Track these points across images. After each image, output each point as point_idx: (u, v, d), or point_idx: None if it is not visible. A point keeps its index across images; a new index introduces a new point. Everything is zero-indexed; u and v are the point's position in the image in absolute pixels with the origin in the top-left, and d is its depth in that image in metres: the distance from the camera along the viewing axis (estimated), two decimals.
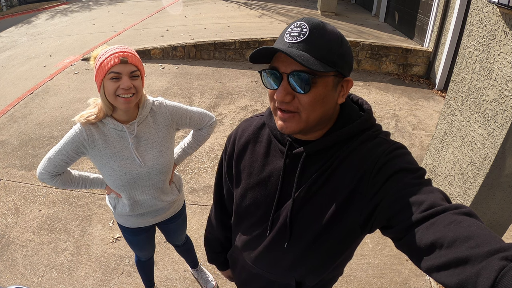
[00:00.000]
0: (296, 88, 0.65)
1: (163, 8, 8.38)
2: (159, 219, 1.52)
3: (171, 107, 1.33)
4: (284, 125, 0.69)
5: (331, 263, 0.85)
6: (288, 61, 0.65)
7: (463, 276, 0.49)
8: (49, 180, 1.28)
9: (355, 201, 0.71)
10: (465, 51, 1.88)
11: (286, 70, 0.66)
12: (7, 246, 2.35)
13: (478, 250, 0.49)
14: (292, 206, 0.78)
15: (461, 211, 0.57)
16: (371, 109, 0.78)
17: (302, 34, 0.64)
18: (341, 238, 0.77)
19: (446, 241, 0.53)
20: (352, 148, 0.72)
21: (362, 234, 0.77)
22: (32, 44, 6.63)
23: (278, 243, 0.83)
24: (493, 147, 1.66)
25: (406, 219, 0.60)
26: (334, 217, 0.74)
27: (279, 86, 0.67)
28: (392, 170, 0.67)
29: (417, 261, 0.59)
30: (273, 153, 0.82)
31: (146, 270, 1.85)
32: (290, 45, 0.65)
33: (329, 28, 0.66)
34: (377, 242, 2.35)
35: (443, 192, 0.64)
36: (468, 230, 0.53)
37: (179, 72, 4.94)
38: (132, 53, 1.15)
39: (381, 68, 5.12)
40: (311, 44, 0.64)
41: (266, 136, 0.85)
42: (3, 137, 3.59)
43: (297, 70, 0.64)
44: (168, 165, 1.36)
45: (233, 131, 0.94)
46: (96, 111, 1.20)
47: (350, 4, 8.74)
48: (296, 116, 0.68)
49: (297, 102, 0.67)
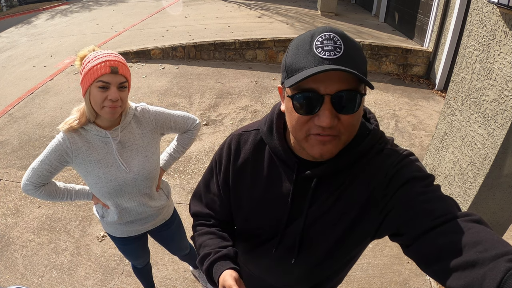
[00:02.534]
0: (344, 109, 0.59)
1: (163, 8, 8.38)
2: (149, 227, 1.49)
3: (154, 112, 1.32)
4: (325, 148, 0.62)
5: (341, 272, 0.87)
6: (330, 80, 0.57)
7: (469, 279, 0.49)
8: (34, 191, 1.25)
9: (366, 214, 0.71)
10: (465, 51, 1.88)
11: (328, 90, 0.57)
12: (7, 246, 2.35)
13: (486, 254, 0.50)
14: (304, 224, 0.75)
15: (470, 218, 0.57)
16: (377, 120, 0.75)
17: (339, 48, 0.57)
18: (351, 250, 0.78)
19: (454, 247, 0.54)
20: (362, 165, 0.70)
21: (371, 240, 0.77)
22: (32, 44, 6.63)
23: (285, 259, 0.82)
24: (493, 147, 1.66)
25: (416, 227, 0.61)
26: (345, 233, 0.73)
27: (320, 110, 0.58)
28: (402, 180, 0.66)
29: (425, 267, 0.59)
30: (277, 176, 0.76)
31: (143, 275, 1.83)
32: (329, 61, 0.56)
33: (351, 37, 0.61)
34: (377, 242, 2.35)
35: (453, 200, 0.64)
36: (477, 236, 0.53)
37: (179, 72, 4.94)
38: (123, 63, 1.13)
39: (381, 68, 5.12)
40: (350, 58, 0.57)
41: (267, 155, 0.77)
42: (3, 137, 3.59)
43: (344, 89, 0.57)
44: (154, 170, 1.34)
45: (224, 146, 0.83)
46: (78, 116, 1.17)
47: (350, 4, 8.74)
48: (336, 139, 0.62)
49: (339, 125, 0.60)
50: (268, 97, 4.27)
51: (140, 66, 5.12)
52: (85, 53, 1.15)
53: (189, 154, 3.26)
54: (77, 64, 1.17)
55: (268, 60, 5.30)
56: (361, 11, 7.78)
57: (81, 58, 1.15)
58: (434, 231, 0.58)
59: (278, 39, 5.17)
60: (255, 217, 0.81)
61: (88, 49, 1.16)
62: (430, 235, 0.58)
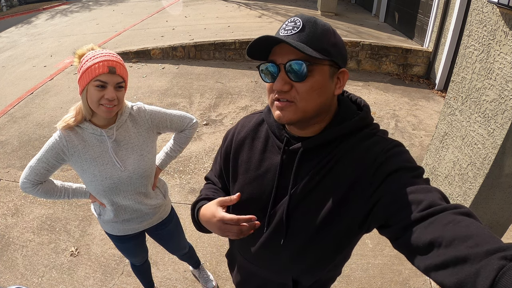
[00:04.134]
0: (293, 77, 0.67)
1: (163, 8, 8.38)
2: (146, 225, 1.50)
3: (150, 111, 1.33)
4: (281, 114, 0.70)
5: (328, 262, 0.85)
6: (284, 52, 0.67)
7: (461, 276, 0.49)
8: (31, 189, 1.26)
9: (353, 199, 0.71)
10: (465, 51, 1.88)
11: (282, 60, 0.68)
12: (7, 246, 2.35)
13: (477, 250, 0.49)
14: (289, 202, 0.78)
15: (460, 211, 0.57)
16: (369, 107, 0.79)
17: (296, 27, 0.67)
18: (338, 236, 0.77)
19: (444, 241, 0.53)
20: (349, 145, 0.73)
21: (359, 234, 0.77)
22: (32, 44, 6.64)
23: (275, 240, 0.83)
24: (493, 147, 1.66)
25: (404, 218, 0.60)
26: (330, 215, 0.74)
27: (277, 77, 0.69)
28: (390, 168, 0.67)
29: (415, 260, 0.59)
30: (271, 149, 0.83)
31: (142, 273, 1.84)
32: (285, 37, 0.67)
33: (321, 22, 0.69)
34: (377, 242, 2.35)
35: (441, 192, 0.64)
36: (467, 229, 0.52)
37: (179, 72, 4.94)
38: (120, 63, 1.15)
39: (381, 68, 5.12)
40: (305, 34, 0.66)
41: (264, 132, 0.85)
42: (3, 137, 3.59)
43: (293, 59, 0.66)
44: (150, 169, 1.35)
45: (232, 127, 0.95)
46: (74, 113, 1.19)
47: (350, 4, 8.74)
48: (293, 105, 0.69)
49: (294, 91, 0.68)
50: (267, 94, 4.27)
51: (140, 66, 5.13)
52: (84, 51, 1.16)
53: (189, 154, 3.26)
54: (75, 62, 1.18)
55: None
56: (361, 11, 7.78)
57: (80, 56, 1.16)
58: (423, 223, 0.57)
59: None
60: (247, 188, 0.85)
61: (86, 48, 1.17)
62: (418, 227, 0.58)
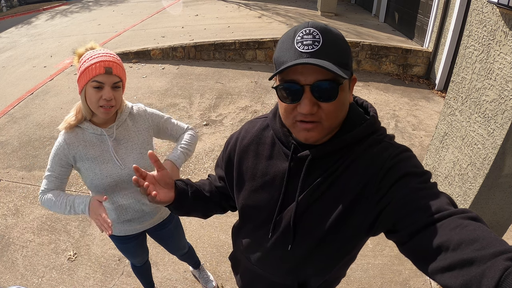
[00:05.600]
0: (322, 97, 0.64)
1: (163, 8, 8.38)
2: (147, 226, 1.51)
3: (151, 112, 1.38)
4: (309, 135, 0.68)
5: (335, 265, 0.85)
6: (309, 71, 0.63)
7: (467, 277, 0.49)
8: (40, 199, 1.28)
9: (361, 205, 0.71)
10: (465, 51, 1.88)
11: (308, 81, 0.63)
12: (7, 246, 2.35)
13: (483, 252, 0.49)
14: (296, 209, 0.77)
15: (467, 215, 0.57)
16: (376, 112, 0.78)
17: (317, 42, 0.62)
18: (345, 241, 0.77)
19: (451, 244, 0.53)
20: (357, 153, 0.72)
21: (366, 237, 0.77)
22: (32, 44, 6.64)
23: (281, 245, 0.83)
24: (493, 147, 1.66)
25: (412, 224, 0.61)
26: (338, 221, 0.73)
27: (302, 99, 0.65)
28: (398, 174, 0.67)
29: (421, 265, 0.59)
30: (277, 156, 0.81)
31: (142, 274, 1.84)
32: (307, 55, 0.62)
33: (335, 30, 0.66)
34: (377, 242, 2.35)
35: (449, 197, 0.64)
36: (474, 233, 0.53)
37: (179, 72, 4.94)
38: (117, 63, 1.16)
39: (381, 69, 5.12)
40: (328, 51, 0.63)
41: (270, 138, 0.84)
42: (3, 137, 3.59)
43: (321, 79, 0.62)
44: (149, 167, 1.36)
45: (235, 132, 0.93)
46: (75, 112, 1.22)
47: (350, 4, 8.74)
48: (319, 125, 0.67)
49: (321, 112, 0.66)
50: (268, 97, 4.27)
51: (140, 67, 5.13)
52: (83, 51, 1.18)
53: None
54: (75, 61, 1.20)
55: (268, 60, 5.30)
56: (361, 11, 7.78)
57: (79, 56, 1.18)
58: (430, 228, 0.58)
59: (278, 39, 5.16)
60: (254, 195, 0.85)
61: (86, 47, 1.19)
62: (425, 232, 0.58)
